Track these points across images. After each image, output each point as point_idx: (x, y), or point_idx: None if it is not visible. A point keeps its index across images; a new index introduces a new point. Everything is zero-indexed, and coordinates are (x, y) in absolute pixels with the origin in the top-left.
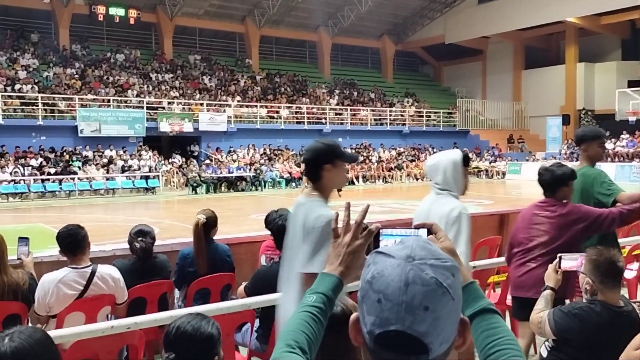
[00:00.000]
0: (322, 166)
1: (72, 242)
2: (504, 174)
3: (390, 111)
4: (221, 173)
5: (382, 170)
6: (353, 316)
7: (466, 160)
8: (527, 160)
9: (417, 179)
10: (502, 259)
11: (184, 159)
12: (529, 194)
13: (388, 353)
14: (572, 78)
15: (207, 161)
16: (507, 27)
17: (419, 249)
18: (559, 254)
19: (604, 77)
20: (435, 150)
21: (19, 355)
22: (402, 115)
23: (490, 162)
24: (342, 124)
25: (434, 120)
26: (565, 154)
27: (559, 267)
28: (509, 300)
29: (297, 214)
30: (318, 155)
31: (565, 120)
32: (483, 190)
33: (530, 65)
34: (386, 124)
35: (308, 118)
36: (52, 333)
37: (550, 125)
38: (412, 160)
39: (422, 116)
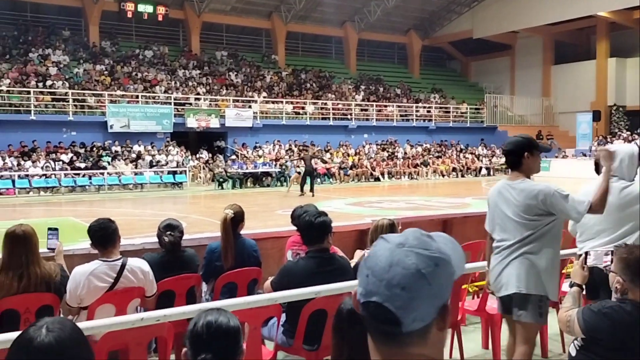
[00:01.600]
0: (523, 154)
1: (103, 235)
2: None
3: (417, 107)
4: (247, 168)
5: (408, 167)
6: (355, 290)
7: None
8: (557, 157)
9: (443, 176)
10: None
11: (210, 155)
12: None
13: (370, 321)
14: (602, 73)
15: (233, 157)
16: (536, 22)
17: (412, 238)
18: (585, 250)
19: (635, 73)
20: (461, 145)
21: (62, 344)
22: (428, 111)
23: None
24: (367, 119)
25: (461, 116)
26: (596, 150)
27: (585, 264)
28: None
29: (509, 193)
30: (518, 146)
31: (596, 116)
32: None
33: (559, 60)
34: (412, 119)
35: (333, 114)
36: (84, 324)
37: (580, 122)
38: (438, 157)
39: (448, 112)
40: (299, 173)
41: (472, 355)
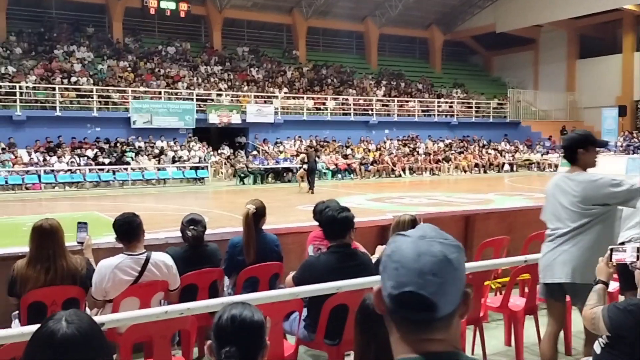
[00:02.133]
0: (577, 150)
1: (128, 229)
2: (556, 166)
3: (439, 102)
4: (268, 164)
5: (430, 162)
6: (376, 287)
7: None
8: None
9: (465, 172)
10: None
11: (232, 150)
12: None
13: (404, 311)
14: (629, 67)
15: (255, 152)
16: (560, 16)
17: (430, 230)
18: (610, 247)
19: None
20: (483, 141)
21: (85, 334)
22: (450, 107)
23: (542, 155)
24: (388, 115)
25: (484, 111)
26: (621, 146)
27: (610, 260)
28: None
29: (567, 184)
30: (572, 142)
31: (622, 111)
32: (535, 184)
33: (584, 54)
34: (434, 115)
35: (354, 109)
36: (109, 317)
37: (606, 117)
38: (460, 152)
39: (471, 107)
40: (303, 169)
41: (494, 352)
